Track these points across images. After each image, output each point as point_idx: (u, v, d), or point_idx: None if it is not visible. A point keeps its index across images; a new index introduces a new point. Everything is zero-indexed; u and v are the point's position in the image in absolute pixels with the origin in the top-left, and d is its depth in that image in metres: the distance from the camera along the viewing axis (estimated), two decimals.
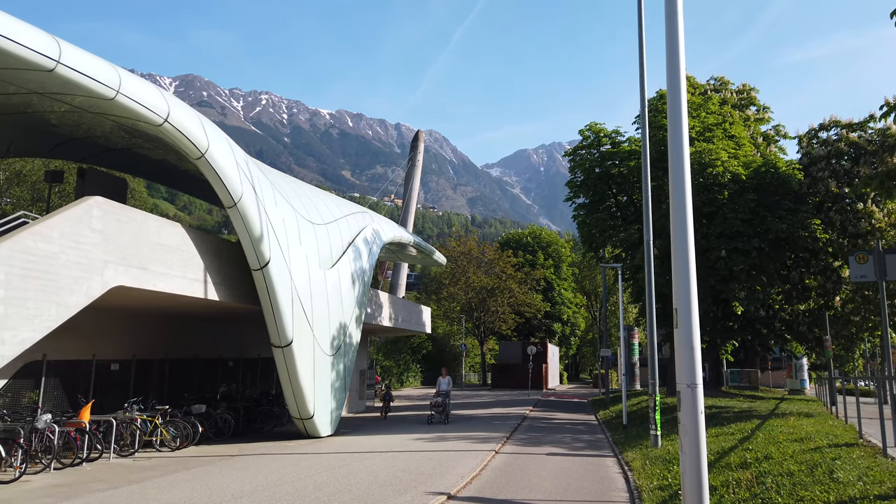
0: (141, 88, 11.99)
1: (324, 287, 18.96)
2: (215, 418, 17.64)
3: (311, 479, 11.60)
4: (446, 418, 22.48)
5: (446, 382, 23.20)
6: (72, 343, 14.55)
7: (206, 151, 13.67)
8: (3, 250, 10.07)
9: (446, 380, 23.29)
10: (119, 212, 12.72)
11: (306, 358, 17.23)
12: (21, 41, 9.29)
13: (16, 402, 13.99)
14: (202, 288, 14.97)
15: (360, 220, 24.50)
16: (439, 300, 55.88)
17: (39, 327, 10.58)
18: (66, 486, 10.86)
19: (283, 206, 17.88)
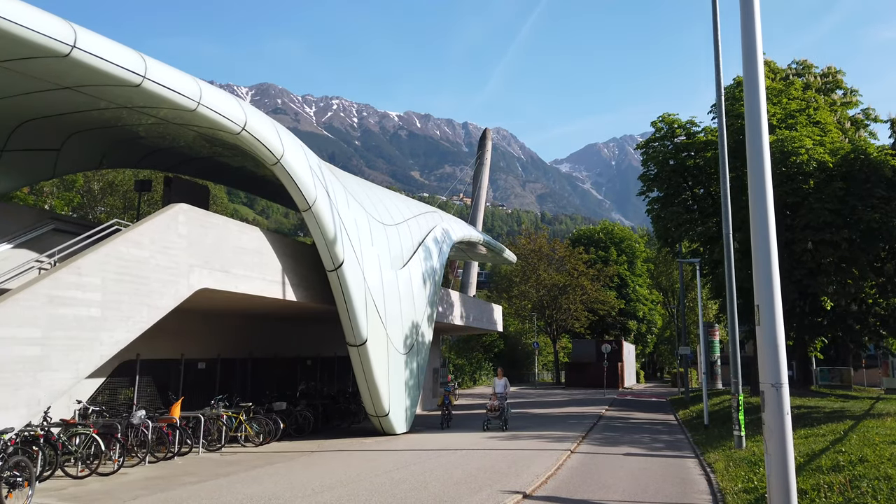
0: (220, 99, 12.53)
1: (396, 287, 19.26)
2: (295, 415, 18.21)
3: (387, 476, 11.80)
4: (504, 424, 20.09)
5: (502, 384, 21.10)
6: (162, 343, 15.37)
7: (281, 157, 14.14)
8: (99, 256, 10.76)
9: (502, 381, 21.21)
10: (202, 217, 13.35)
11: (380, 356, 17.55)
12: (111, 59, 9.89)
13: (113, 399, 14.93)
14: (280, 289, 15.50)
15: (429, 220, 24.72)
16: (510, 298, 55.63)
17: (133, 328, 11.23)
18: (161, 479, 11.49)
19: (355, 207, 18.27)
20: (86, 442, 11.73)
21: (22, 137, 12.73)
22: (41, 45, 8.89)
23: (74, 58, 9.32)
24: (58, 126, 12.94)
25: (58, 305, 9.91)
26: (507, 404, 20.64)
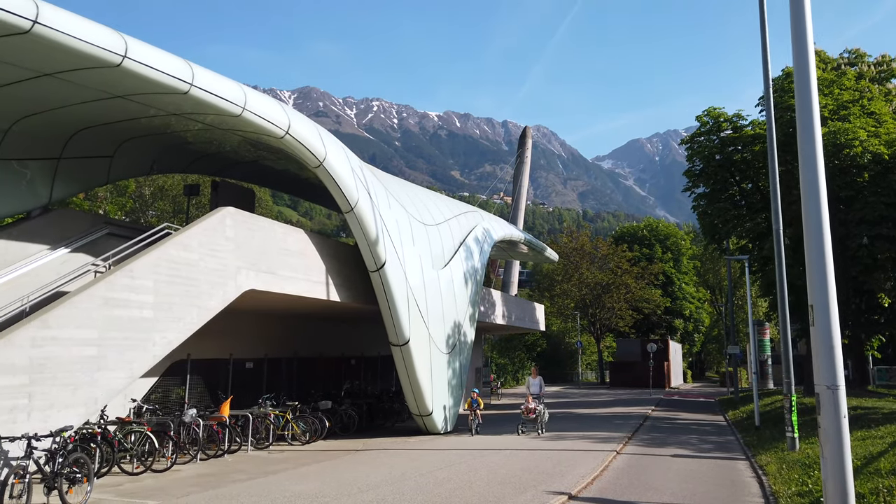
0: (264, 104, 12.78)
1: (437, 286, 19.32)
2: (340, 414, 18.44)
3: (432, 475, 11.85)
4: (541, 427, 18.51)
5: (537, 384, 19.46)
6: (211, 343, 15.76)
7: (323, 160, 14.34)
8: (151, 259, 11.11)
9: (537, 381, 19.57)
10: (249, 220, 13.65)
11: (423, 356, 17.63)
12: (159, 67, 10.19)
13: (165, 398, 15.39)
14: (324, 289, 15.73)
15: (470, 220, 24.72)
16: (552, 297, 55.19)
17: (184, 329, 11.56)
18: (212, 476, 11.79)
19: (396, 208, 18.40)
20: (140, 439, 12.12)
21: (78, 145, 13.22)
22: (94, 55, 9.21)
23: (125, 67, 9.63)
24: (111, 134, 13.39)
25: (113, 307, 10.26)
26: (543, 406, 18.93)
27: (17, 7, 8.14)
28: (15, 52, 8.96)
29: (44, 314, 9.41)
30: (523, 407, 18.77)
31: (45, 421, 9.08)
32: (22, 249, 12.37)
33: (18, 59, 9.29)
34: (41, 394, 9.12)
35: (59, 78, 9.98)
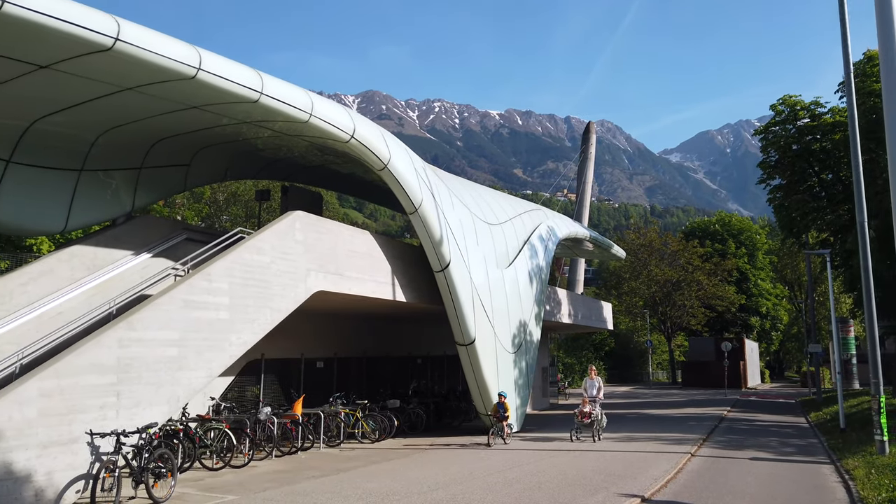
0: (330, 109, 13.07)
1: (502, 286, 19.26)
2: (408, 413, 18.64)
3: (500, 475, 11.82)
4: (597, 433, 17.01)
5: (594, 385, 17.82)
6: (284, 343, 16.23)
7: (388, 162, 14.54)
8: (226, 263, 11.54)
9: (594, 382, 17.91)
10: (317, 223, 13.99)
11: (489, 355, 17.61)
12: (231, 78, 10.57)
13: (241, 396, 15.96)
14: (390, 290, 15.94)
15: (534, 218, 24.52)
16: (620, 295, 54.06)
17: (258, 330, 11.95)
18: (287, 472, 12.15)
19: (459, 208, 18.45)
20: (219, 436, 12.61)
21: (157, 155, 13.89)
22: (171, 69, 9.65)
23: (200, 79, 10.04)
24: (187, 143, 14.00)
25: (192, 309, 10.72)
26: (600, 410, 17.44)
27: (99, 25, 8.61)
28: (98, 68, 9.48)
29: (129, 316, 9.93)
30: (577, 410, 17.31)
31: (132, 418, 9.57)
32: (108, 255, 13.09)
33: (102, 75, 9.83)
34: (128, 392, 9.62)
35: (139, 91, 10.50)
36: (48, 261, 12.21)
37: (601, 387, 17.96)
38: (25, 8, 7.82)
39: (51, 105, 10.79)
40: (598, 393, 17.69)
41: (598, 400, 17.55)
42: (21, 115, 10.93)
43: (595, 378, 18.06)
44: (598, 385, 17.87)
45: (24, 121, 11.06)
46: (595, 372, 18.51)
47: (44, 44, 8.64)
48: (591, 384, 17.93)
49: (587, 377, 18.30)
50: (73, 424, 8.78)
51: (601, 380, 18.23)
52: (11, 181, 11.42)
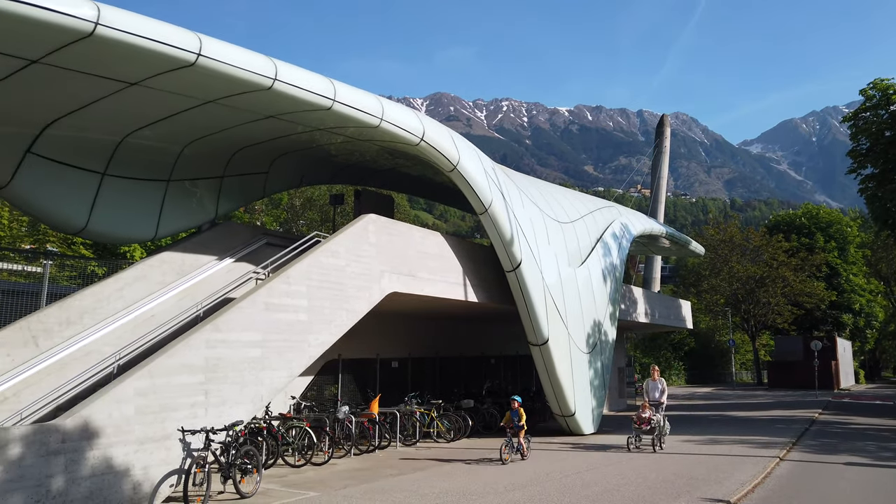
0: (400, 113, 13.26)
1: (575, 285, 18.98)
2: (482, 413, 18.66)
3: (578, 477, 11.66)
4: (658, 441, 15.19)
5: (657, 388, 16.14)
6: (359, 344, 16.58)
7: (457, 163, 14.61)
8: (303, 266, 11.90)
9: (657, 384, 16.21)
10: (389, 226, 14.23)
11: (563, 355, 17.39)
12: (305, 87, 10.90)
13: (320, 395, 16.42)
14: (462, 290, 16.00)
15: (606, 215, 24.04)
16: (699, 293, 52.17)
17: (335, 331, 12.27)
18: (365, 470, 12.41)
19: (529, 207, 18.32)
20: (300, 434, 13.02)
21: (238, 164, 14.49)
22: (249, 80, 10.04)
23: (276, 89, 10.40)
24: (265, 151, 14.53)
25: (273, 311, 11.12)
26: (663, 416, 15.66)
27: (183, 42, 9.06)
28: (182, 83, 9.98)
29: (215, 319, 10.39)
30: (635, 416, 15.62)
31: (220, 416, 10.01)
32: (195, 260, 13.75)
33: (185, 90, 10.34)
34: (215, 391, 10.07)
35: (220, 104, 10.98)
36: (141, 267, 12.94)
37: (665, 389, 16.28)
38: (117, 29, 8.32)
39: (140, 120, 11.44)
40: (661, 396, 16.04)
41: (661, 404, 15.92)
42: (114, 130, 11.64)
43: (658, 379, 16.38)
44: (662, 387, 16.21)
45: (117, 136, 11.78)
46: (658, 372, 16.77)
47: (133, 62, 9.17)
48: (653, 386, 16.31)
49: (648, 378, 16.70)
50: (166, 422, 9.27)
51: (665, 381, 16.66)
52: (107, 193, 12.18)
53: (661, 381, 16.29)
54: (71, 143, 11.29)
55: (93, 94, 10.05)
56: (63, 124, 10.78)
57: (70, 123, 10.80)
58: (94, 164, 11.92)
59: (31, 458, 7.68)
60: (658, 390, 16.10)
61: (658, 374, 16.56)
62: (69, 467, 8.04)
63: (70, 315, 11.51)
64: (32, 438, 7.77)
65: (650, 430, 15.08)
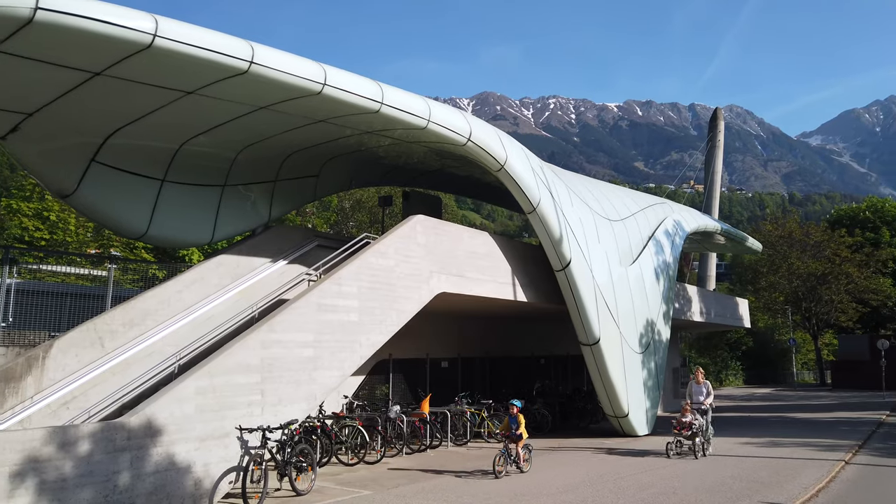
0: (446, 114, 13.31)
1: (626, 283, 18.66)
2: (533, 413, 18.53)
3: (632, 479, 11.46)
4: (701, 449, 14.13)
5: (702, 391, 15.16)
6: (409, 344, 16.70)
7: (504, 163, 14.56)
8: (354, 267, 12.07)
9: (702, 387, 15.23)
10: (437, 226, 14.29)
11: (615, 355, 17.13)
12: (354, 90, 11.05)
13: (371, 395, 16.61)
14: (511, 290, 15.94)
15: (658, 212, 23.57)
16: (757, 291, 50.52)
17: (385, 331, 12.40)
18: (416, 470, 12.49)
19: (578, 205, 18.11)
20: (353, 433, 13.20)
21: (290, 168, 14.81)
22: (300, 86, 10.25)
23: (325, 94, 10.58)
24: (316, 155, 14.80)
25: (325, 312, 11.31)
26: (706, 421, 14.65)
27: (236, 51, 9.32)
28: (235, 90, 10.26)
29: (269, 320, 10.65)
30: (675, 420, 14.50)
31: (275, 415, 10.24)
32: (250, 263, 14.12)
33: (238, 97, 10.63)
34: (271, 390, 10.32)
35: (271, 110, 11.24)
36: (199, 270, 13.36)
37: (711, 392, 15.27)
38: (174, 40, 8.63)
39: (196, 127, 11.82)
40: (705, 400, 15.03)
41: (706, 408, 14.89)
42: (172, 138, 12.06)
43: (703, 382, 15.37)
44: (707, 390, 15.21)
45: (175, 143, 12.20)
46: (702, 374, 15.75)
47: (189, 71, 9.48)
48: (696, 389, 15.25)
49: (691, 380, 15.69)
50: (225, 420, 9.55)
51: (710, 384, 15.56)
52: (166, 199, 12.63)
53: (706, 383, 15.39)
54: (132, 151, 11.75)
55: (152, 103, 10.45)
56: (125, 133, 11.23)
57: (131, 132, 11.24)
58: (153, 171, 12.38)
59: (99, 454, 8.03)
60: (702, 394, 15.17)
61: (703, 377, 15.64)
62: (134, 463, 8.37)
63: (133, 317, 11.97)
64: (100, 436, 8.11)
65: (692, 435, 14.12)
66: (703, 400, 14.96)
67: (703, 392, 15.15)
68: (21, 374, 10.35)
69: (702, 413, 14.64)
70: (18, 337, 11.77)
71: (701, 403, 14.87)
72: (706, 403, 14.90)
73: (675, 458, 13.86)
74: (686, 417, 14.22)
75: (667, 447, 14.17)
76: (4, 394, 10.11)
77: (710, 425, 14.85)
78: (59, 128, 10.55)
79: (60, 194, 11.65)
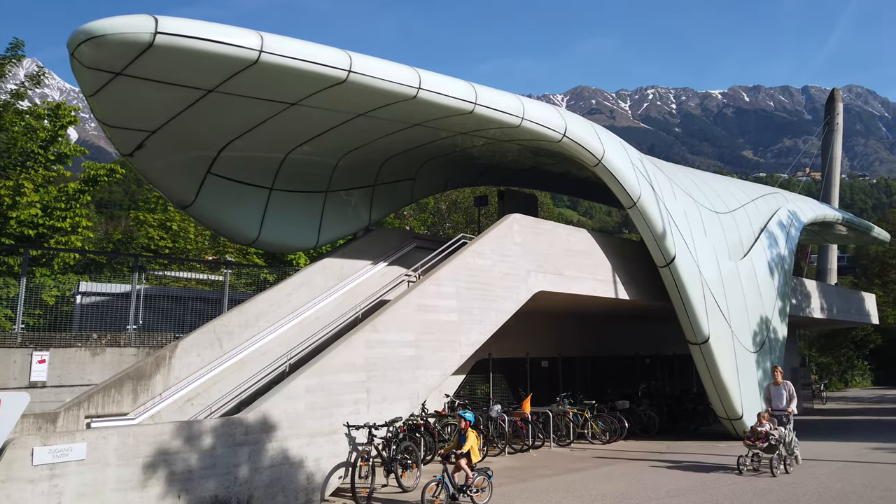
0: (540, 111, 13.17)
1: (737, 279, 17.72)
2: (639, 414, 17.98)
3: (748, 484, 10.86)
4: (785, 462, 11.90)
5: (782, 394, 12.80)
6: (509, 343, 16.67)
7: (602, 158, 14.23)
8: (451, 268, 12.19)
9: (781, 389, 12.87)
10: (534, 225, 14.17)
11: (726, 355, 16.30)
12: (448, 93, 11.18)
13: (472, 394, 16.72)
14: (612, 288, 15.54)
15: (770, 203, 22.22)
16: (886, 284, 46.44)
17: (484, 330, 12.44)
18: (519, 469, 12.44)
19: (682, 198, 17.39)
20: (455, 432, 13.31)
21: (387, 172, 15.19)
22: (396, 91, 10.50)
23: (420, 98, 10.77)
24: (412, 159, 15.10)
25: (424, 312, 11.50)
26: (788, 430, 12.30)
27: (335, 61, 9.68)
28: (335, 99, 10.64)
29: (372, 320, 10.96)
30: (748, 430, 12.44)
31: (380, 413, 10.53)
32: (352, 265, 14.60)
33: (338, 105, 11.03)
34: (376, 389, 10.61)
35: (369, 116, 11.57)
36: (305, 273, 13.97)
37: (794, 395, 12.85)
38: (278, 55, 9.09)
39: (300, 137, 12.37)
40: (788, 405, 12.67)
41: (788, 415, 12.58)
42: (278, 148, 12.68)
43: (783, 383, 13.00)
44: (789, 393, 12.81)
45: (281, 153, 12.82)
46: (781, 374, 13.31)
47: (293, 83, 9.95)
48: (776, 392, 12.92)
49: (770, 382, 13.45)
50: (333, 417, 9.92)
51: (792, 385, 13.13)
52: (274, 206, 13.30)
53: (786, 384, 12.99)
54: (243, 162, 12.47)
55: (259, 116, 11.05)
56: (236, 146, 11.93)
57: (241, 145, 11.93)
58: (262, 181, 13.07)
59: (220, 448, 8.57)
60: (783, 397, 12.79)
61: (782, 377, 13.20)
62: (252, 457, 8.86)
63: (247, 319, 12.69)
64: (221, 430, 8.66)
65: (769, 448, 11.82)
66: (786, 405, 12.68)
67: (783, 395, 12.83)
68: (151, 372, 11.23)
69: (783, 422, 12.41)
70: (148, 338, 12.78)
71: (784, 410, 12.61)
72: (789, 410, 12.61)
73: (749, 474, 11.77)
74: (763, 426, 12.05)
75: (738, 461, 12.01)
76: (136, 391, 11.00)
77: (793, 435, 12.46)
78: (178, 143, 11.36)
79: (181, 205, 12.54)
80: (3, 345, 11.14)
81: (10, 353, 11.07)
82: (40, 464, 7.10)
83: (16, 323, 12.53)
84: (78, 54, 8.41)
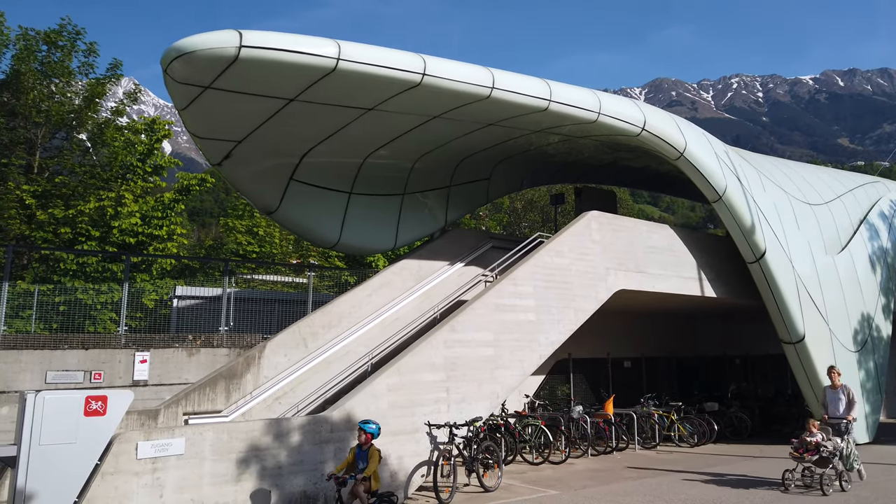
0: (618, 105, 12.88)
1: (834, 274, 16.68)
2: (729, 417, 17.24)
3: (851, 494, 10.20)
4: (840, 479, 10.27)
5: (840, 398, 11.08)
6: (589, 343, 16.37)
7: (684, 150, 13.75)
8: (528, 267, 12.11)
9: (839, 393, 11.14)
10: (612, 221, 13.86)
11: (824, 354, 15.37)
12: (522, 91, 11.13)
13: (552, 395, 16.53)
14: (697, 285, 14.98)
15: (870, 193, 20.79)
16: None
17: (563, 330, 12.27)
18: (603, 471, 12.19)
19: (772, 190, 16.55)
20: (536, 432, 13.22)
21: (462, 173, 15.26)
22: (469, 92, 10.55)
23: (494, 97, 10.77)
24: (486, 159, 15.10)
25: (502, 312, 11.47)
26: (847, 441, 10.76)
27: (410, 65, 9.83)
28: (410, 103, 10.81)
29: (451, 320, 11.03)
30: (797, 441, 10.61)
31: (460, 412, 10.58)
32: (430, 266, 14.76)
33: (413, 108, 11.18)
34: (455, 388, 10.67)
35: (443, 118, 11.68)
36: (385, 274, 14.24)
37: (854, 400, 11.07)
38: (354, 62, 9.33)
39: (377, 141, 12.63)
40: (847, 411, 10.99)
41: (846, 423, 10.89)
42: (357, 153, 13.00)
43: (841, 386, 11.22)
44: (848, 397, 11.08)
45: (359, 158, 13.14)
46: (838, 375, 11.43)
47: (369, 89, 10.18)
48: (833, 397, 11.18)
49: (827, 385, 11.57)
50: (414, 416, 10.05)
51: (852, 388, 11.27)
52: (354, 210, 13.65)
53: (845, 387, 11.21)
54: (323, 168, 12.87)
55: (337, 122, 11.36)
56: (316, 152, 12.32)
57: (322, 151, 12.31)
58: (342, 185, 13.44)
59: (307, 445, 8.85)
60: (841, 402, 11.07)
61: (839, 378, 11.39)
62: (337, 454, 9.10)
63: (331, 319, 13.07)
64: (308, 428, 8.95)
65: (821, 461, 10.20)
66: (844, 412, 10.98)
67: (841, 400, 11.08)
68: (241, 371, 11.76)
69: (840, 431, 10.80)
70: (238, 339, 13.39)
71: (842, 418, 10.92)
72: (849, 417, 10.90)
73: (796, 491, 10.22)
74: (813, 436, 10.42)
75: (783, 477, 10.38)
76: (229, 389, 11.55)
77: (853, 446, 10.93)
78: (262, 151, 11.85)
79: (266, 211, 13.07)
80: (110, 346, 11.96)
81: (116, 353, 11.88)
82: (144, 457, 7.56)
83: (120, 325, 13.42)
84: (170, 70, 8.93)
